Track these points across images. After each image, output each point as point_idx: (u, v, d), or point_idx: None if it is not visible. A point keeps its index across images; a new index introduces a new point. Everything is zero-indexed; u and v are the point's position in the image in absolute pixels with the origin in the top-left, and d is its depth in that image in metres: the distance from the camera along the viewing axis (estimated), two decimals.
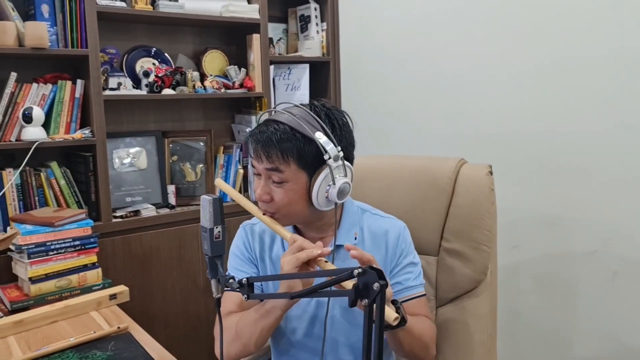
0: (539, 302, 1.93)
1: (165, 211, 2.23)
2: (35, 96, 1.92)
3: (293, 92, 2.62)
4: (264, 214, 1.14)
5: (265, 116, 1.19)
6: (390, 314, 0.93)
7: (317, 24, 2.63)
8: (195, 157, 2.42)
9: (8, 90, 1.86)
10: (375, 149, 2.49)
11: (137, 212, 2.17)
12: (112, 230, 2.06)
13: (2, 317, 1.59)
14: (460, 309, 1.39)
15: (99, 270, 1.80)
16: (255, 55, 2.40)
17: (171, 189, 2.32)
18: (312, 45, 2.60)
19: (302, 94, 2.61)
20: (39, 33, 1.83)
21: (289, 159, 1.09)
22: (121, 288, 1.70)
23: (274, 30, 2.69)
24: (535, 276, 1.94)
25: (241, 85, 2.41)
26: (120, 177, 2.22)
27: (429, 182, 1.43)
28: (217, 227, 1.00)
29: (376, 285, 0.67)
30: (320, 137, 1.07)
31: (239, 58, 2.51)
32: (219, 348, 1.03)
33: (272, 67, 2.47)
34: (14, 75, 1.87)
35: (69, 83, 1.98)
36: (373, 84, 2.50)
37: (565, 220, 1.84)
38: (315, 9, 2.62)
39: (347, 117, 1.19)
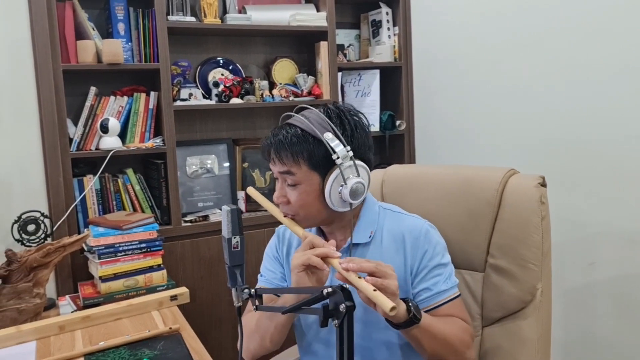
0: (618, 326, 1.75)
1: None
2: (113, 108, 2.08)
3: (363, 98, 2.60)
4: (284, 216, 1.17)
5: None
6: (385, 303, 0.88)
7: (388, 29, 2.59)
8: (265, 164, 2.48)
9: (88, 103, 2.03)
10: (447, 157, 2.40)
11: (206, 217, 2.26)
12: (181, 233, 2.16)
13: (74, 311, 1.74)
14: (506, 331, 1.30)
15: (164, 271, 1.90)
16: (323, 63, 2.42)
17: (241, 194, 2.40)
18: (383, 50, 2.56)
19: (373, 100, 2.58)
20: (115, 50, 1.97)
21: (299, 161, 1.11)
22: (182, 290, 1.78)
23: (346, 36, 2.69)
24: (614, 297, 1.76)
25: (309, 93, 2.44)
26: (193, 183, 2.33)
27: (476, 194, 1.35)
28: (235, 238, 1.02)
29: (342, 307, 0.65)
30: (330, 138, 1.08)
31: (309, 66, 2.54)
32: (239, 346, 1.05)
33: (340, 73, 2.47)
34: (93, 89, 2.03)
35: (143, 95, 2.11)
36: (445, 89, 2.41)
37: None
38: (387, 14, 2.58)
39: (361, 118, 1.18)
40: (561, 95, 1.87)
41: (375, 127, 2.58)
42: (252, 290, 0.97)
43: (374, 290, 0.92)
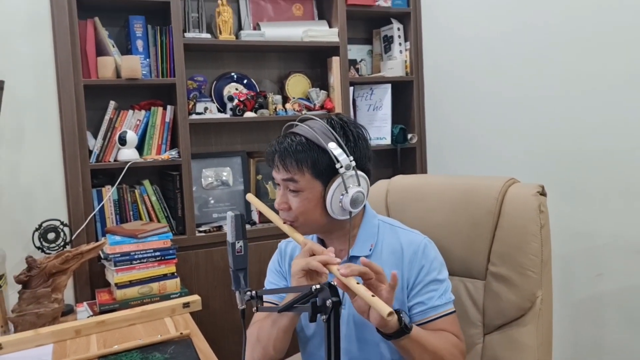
0: (627, 337, 1.74)
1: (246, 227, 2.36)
2: (131, 121, 2.16)
3: (375, 112, 2.64)
4: (284, 223, 1.20)
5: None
6: (382, 308, 0.90)
7: (400, 44, 2.64)
8: None
9: (107, 117, 2.12)
10: (458, 170, 2.43)
11: (220, 228, 2.32)
12: (195, 243, 2.22)
13: (90, 316, 1.80)
14: (506, 338, 1.31)
15: (178, 280, 1.96)
16: (335, 77, 2.48)
17: (255, 206, 2.45)
18: (394, 65, 2.61)
19: (384, 114, 2.63)
20: (133, 65, 2.06)
21: (303, 169, 1.14)
22: (194, 297, 1.83)
23: (359, 51, 2.75)
24: (622, 307, 1.76)
25: (322, 107, 2.50)
26: (208, 195, 2.39)
27: (477, 203, 1.38)
28: (238, 242, 1.07)
29: (329, 302, 0.69)
30: (334, 148, 1.12)
31: (322, 80, 2.60)
32: (242, 353, 1.10)
33: (352, 88, 2.52)
34: (112, 104, 2.12)
35: (160, 109, 2.19)
36: (456, 103, 2.45)
37: None
38: (399, 29, 2.63)
39: (363, 130, 1.22)
40: (572, 107, 1.89)
41: (386, 140, 2.62)
42: (254, 292, 1.01)
43: (372, 295, 0.95)
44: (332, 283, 0.71)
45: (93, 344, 1.56)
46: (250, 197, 1.32)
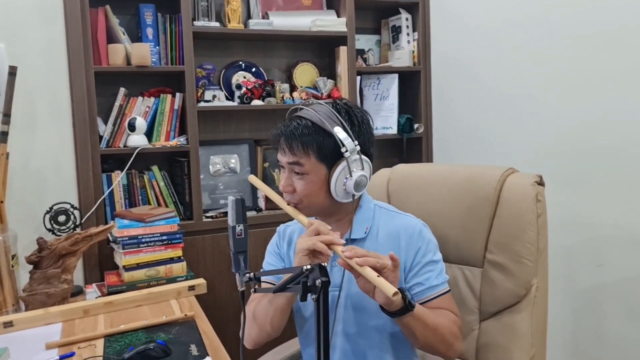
0: (627, 326, 1.76)
1: (252, 214, 2.40)
2: (140, 108, 2.20)
3: (382, 101, 2.66)
4: (288, 204, 1.23)
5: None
6: (388, 288, 0.94)
7: (407, 34, 2.64)
8: None
9: (117, 103, 2.16)
10: (464, 160, 2.44)
11: (226, 214, 2.35)
12: (202, 228, 2.26)
13: (99, 297, 1.85)
14: (501, 324, 1.34)
15: (184, 263, 2.00)
16: (342, 67, 2.49)
17: (261, 193, 2.49)
18: (402, 55, 2.62)
19: (391, 104, 2.64)
20: (143, 53, 2.09)
21: (309, 152, 1.16)
22: (200, 281, 1.87)
23: (367, 41, 2.76)
24: (622, 298, 1.77)
25: (329, 96, 2.51)
26: (215, 181, 2.43)
27: (476, 192, 1.40)
28: (239, 226, 1.10)
29: (318, 282, 0.72)
30: (339, 132, 1.14)
31: (330, 69, 2.62)
32: (241, 334, 1.13)
33: (359, 77, 2.54)
34: (122, 90, 2.16)
35: (169, 96, 2.23)
36: (463, 93, 2.45)
37: None
38: (407, 19, 2.64)
39: (367, 115, 1.24)
40: (577, 99, 1.89)
41: (393, 130, 2.64)
42: (252, 274, 1.05)
43: (378, 276, 0.98)
44: (323, 265, 0.74)
45: (100, 323, 1.61)
46: (253, 178, 1.35)
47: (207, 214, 2.33)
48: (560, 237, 1.89)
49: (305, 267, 0.74)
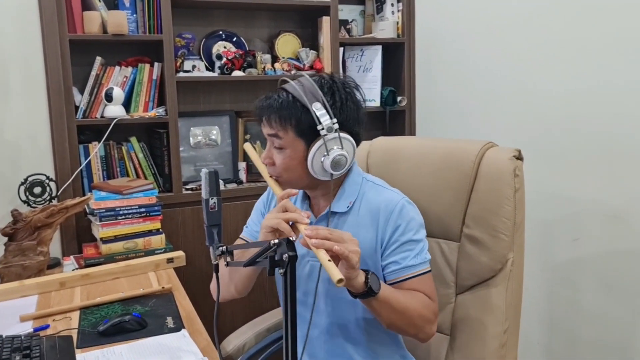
0: (603, 300, 1.78)
1: (232, 186, 2.38)
2: (117, 78, 2.14)
3: (365, 73, 2.63)
4: (270, 177, 1.22)
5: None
6: (334, 274, 0.92)
7: (392, 5, 2.60)
8: None
9: (94, 73, 2.10)
10: (447, 134, 2.43)
11: None
12: (182, 201, 2.24)
13: (76, 269, 1.84)
14: (477, 298, 1.35)
15: (163, 236, 1.99)
16: (325, 38, 2.45)
17: (242, 165, 2.46)
18: (386, 26, 2.58)
19: (374, 76, 2.61)
20: (119, 21, 2.03)
21: (287, 126, 1.15)
22: (178, 253, 1.86)
23: (351, 12, 2.71)
24: (597, 273, 1.80)
25: (311, 67, 2.48)
26: (196, 153, 2.40)
27: (454, 166, 1.40)
28: (212, 199, 1.09)
29: (285, 256, 0.71)
30: (318, 109, 1.11)
31: (312, 40, 2.58)
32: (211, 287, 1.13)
33: (342, 48, 2.50)
34: (98, 59, 2.11)
35: (147, 66, 2.18)
36: (447, 66, 2.43)
37: (631, 214, 1.68)
38: None
39: (354, 91, 1.20)
40: (558, 75, 1.88)
41: (376, 102, 2.62)
42: (225, 247, 1.04)
43: (329, 260, 0.95)
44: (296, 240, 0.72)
45: (77, 295, 1.60)
46: (247, 146, 1.34)
47: (187, 186, 2.31)
48: (538, 211, 1.90)
49: (272, 242, 0.73)
